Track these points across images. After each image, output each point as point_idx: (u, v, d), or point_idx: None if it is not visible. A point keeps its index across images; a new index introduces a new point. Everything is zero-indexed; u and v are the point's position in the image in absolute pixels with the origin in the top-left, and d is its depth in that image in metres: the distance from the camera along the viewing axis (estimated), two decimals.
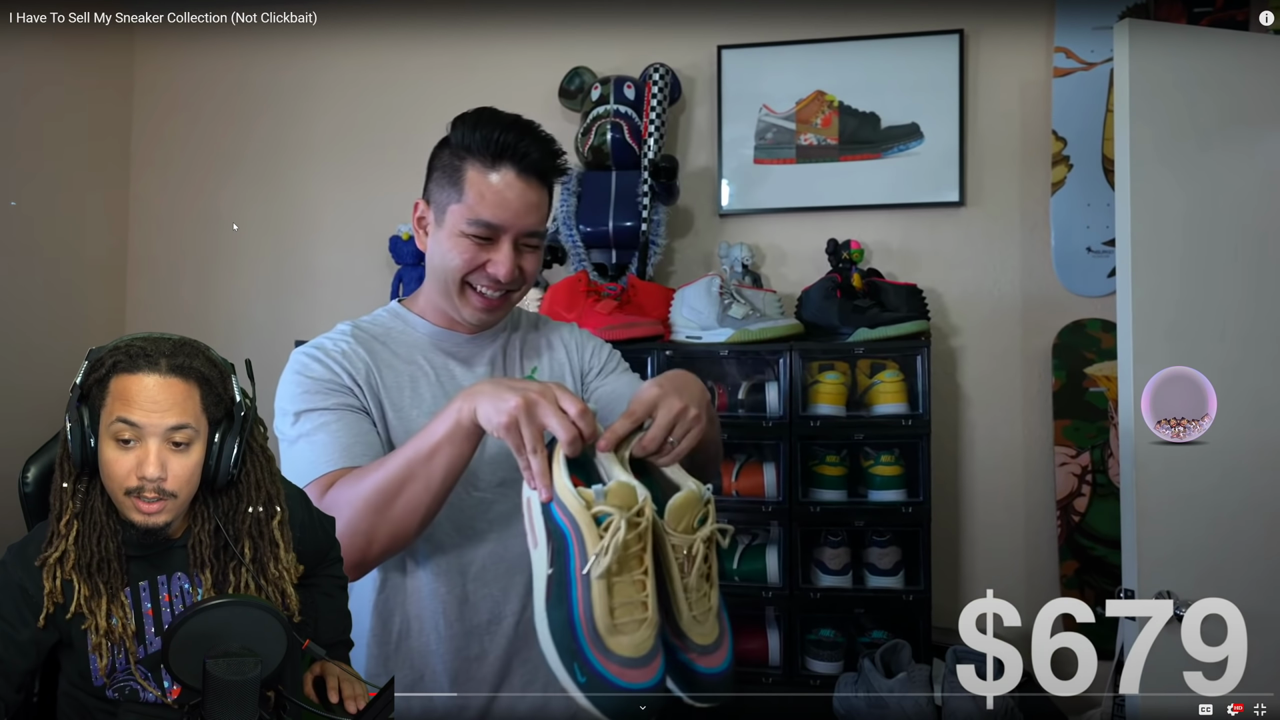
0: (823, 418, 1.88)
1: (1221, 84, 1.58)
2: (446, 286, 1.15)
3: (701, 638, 0.85)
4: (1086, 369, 2.08)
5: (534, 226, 1.13)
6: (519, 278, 1.14)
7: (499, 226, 1.11)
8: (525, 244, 1.14)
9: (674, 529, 0.85)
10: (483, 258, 1.12)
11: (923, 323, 1.91)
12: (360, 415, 1.12)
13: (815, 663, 1.87)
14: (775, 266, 2.21)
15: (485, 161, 1.11)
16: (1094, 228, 2.10)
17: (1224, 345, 1.54)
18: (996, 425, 2.14)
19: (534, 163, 1.12)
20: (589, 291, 1.98)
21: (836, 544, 1.88)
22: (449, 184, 1.14)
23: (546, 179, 1.15)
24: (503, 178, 1.11)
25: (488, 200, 1.10)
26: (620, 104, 2.11)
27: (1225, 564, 1.51)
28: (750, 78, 2.22)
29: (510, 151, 1.11)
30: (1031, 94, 2.16)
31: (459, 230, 1.12)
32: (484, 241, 1.12)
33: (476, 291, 1.14)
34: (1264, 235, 1.56)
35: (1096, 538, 2.06)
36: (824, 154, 2.19)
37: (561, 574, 0.85)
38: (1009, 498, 2.13)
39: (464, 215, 1.11)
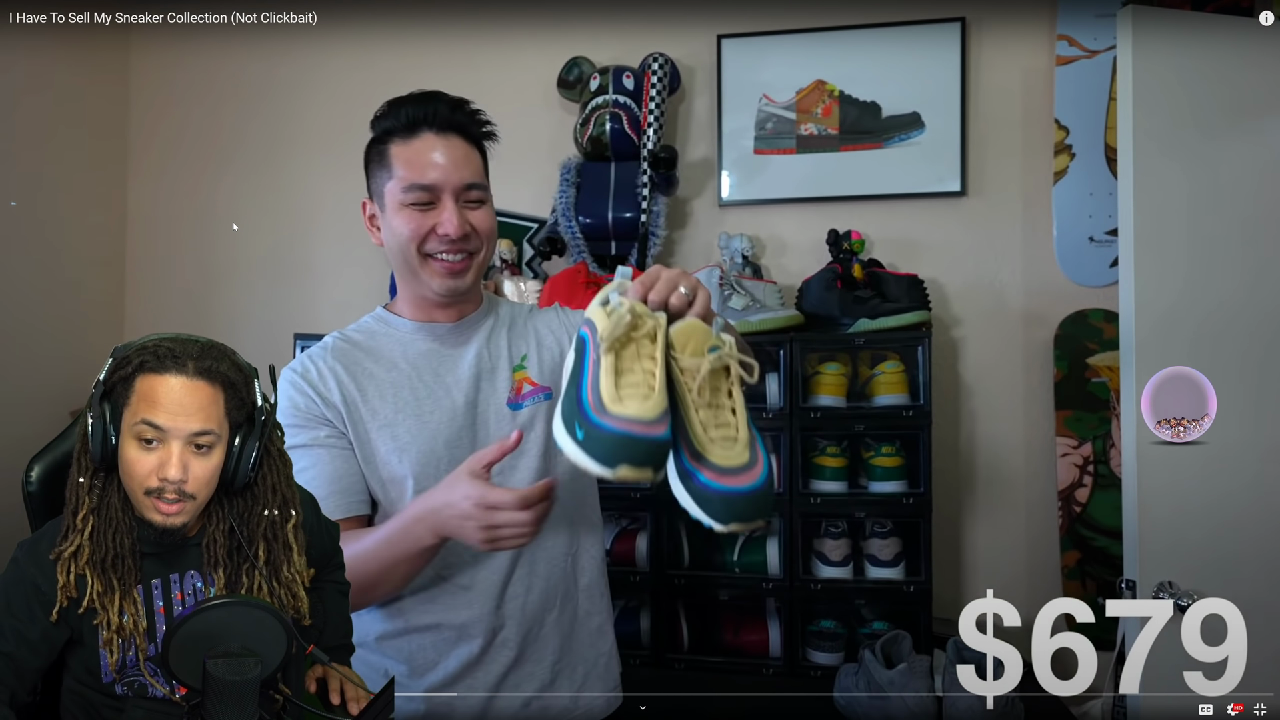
0: (823, 409, 1.87)
1: (1226, 71, 1.56)
2: (408, 264, 1.17)
3: (724, 459, 0.84)
4: (1088, 359, 2.07)
5: (469, 179, 1.15)
6: (472, 234, 1.16)
7: (433, 186, 1.14)
8: (467, 200, 1.16)
9: (681, 352, 0.87)
10: (429, 222, 1.14)
11: (924, 313, 1.90)
12: (338, 451, 1.15)
13: (816, 654, 1.87)
14: (775, 257, 2.20)
15: (403, 135, 1.16)
16: (1096, 217, 2.09)
17: (1227, 335, 1.53)
18: (998, 416, 2.13)
19: (447, 119, 1.16)
20: (588, 283, 1.98)
21: (837, 535, 1.88)
22: (381, 169, 1.18)
23: (468, 133, 1.18)
24: (423, 141, 1.15)
25: (415, 164, 1.14)
26: (619, 94, 2.10)
27: (1226, 556, 1.51)
28: (750, 67, 2.21)
29: (423, 117, 1.16)
30: (1034, 82, 2.14)
31: (399, 204, 1.15)
32: (426, 207, 1.14)
33: (436, 259, 1.16)
34: (1267, 224, 1.55)
35: (1098, 529, 2.05)
36: (824, 144, 2.18)
37: (578, 367, 0.90)
38: (1010, 489, 2.13)
39: (399, 187, 1.15)
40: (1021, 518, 2.12)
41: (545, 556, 1.20)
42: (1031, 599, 2.11)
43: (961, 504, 2.13)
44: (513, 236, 2.26)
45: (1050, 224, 2.12)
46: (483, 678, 1.17)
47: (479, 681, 1.16)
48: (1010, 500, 2.13)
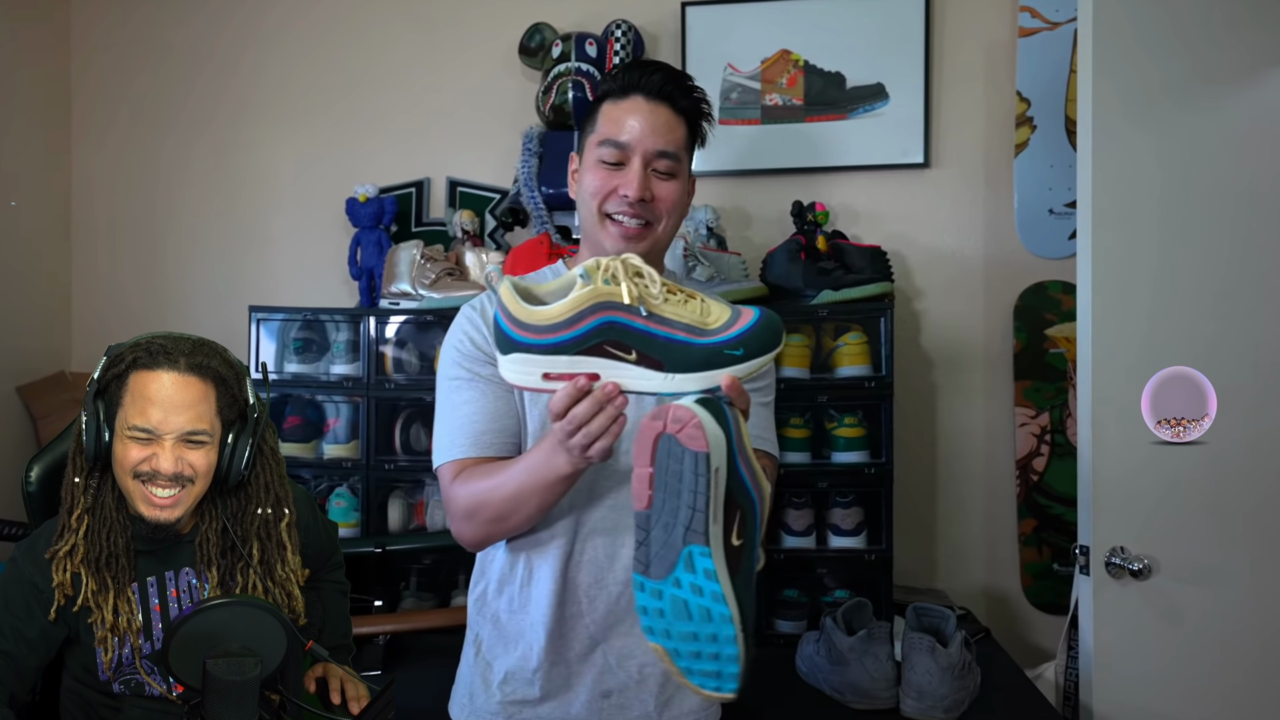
0: (787, 380, 1.88)
1: (1188, 41, 1.57)
2: (591, 220, 1.18)
3: (720, 319, 0.91)
4: (1047, 330, 2.10)
5: (664, 146, 1.16)
6: (653, 202, 1.17)
7: (625, 144, 1.15)
8: (658, 169, 1.17)
9: (600, 282, 0.91)
10: (614, 181, 1.16)
11: (886, 285, 1.91)
12: (501, 391, 1.15)
13: (780, 623, 1.90)
14: (740, 229, 2.20)
15: (616, 95, 1.19)
16: (1056, 189, 2.11)
17: (1183, 306, 1.56)
18: (958, 386, 2.16)
19: (659, 87, 1.17)
20: (552, 254, 1.95)
21: (800, 505, 1.90)
22: (590, 124, 1.21)
23: (677, 105, 1.18)
24: (631, 102, 1.17)
25: (615, 122, 1.17)
26: (582, 61, 2.07)
27: (1177, 522, 1.55)
28: (715, 36, 2.18)
29: (637, 82, 1.18)
30: (996, 55, 2.15)
31: (594, 160, 1.18)
32: (615, 167, 1.16)
33: (614, 220, 1.17)
34: (1226, 196, 1.57)
35: (1054, 496, 2.10)
36: (789, 114, 2.17)
37: (653, 341, 0.92)
38: (970, 458, 2.16)
39: (596, 141, 1.18)
40: (980, 486, 2.16)
41: None
42: (990, 564, 2.16)
43: (922, 473, 2.16)
44: (475, 207, 2.22)
45: (1011, 196, 2.13)
46: None
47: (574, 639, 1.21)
48: (969, 469, 2.16)
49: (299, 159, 2.35)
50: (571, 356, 0.91)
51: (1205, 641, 1.55)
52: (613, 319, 0.90)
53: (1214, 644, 1.55)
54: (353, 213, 2.18)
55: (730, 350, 0.89)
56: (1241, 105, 1.58)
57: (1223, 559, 1.56)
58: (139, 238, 2.40)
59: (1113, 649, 1.54)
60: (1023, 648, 2.07)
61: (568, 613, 1.17)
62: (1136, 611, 1.54)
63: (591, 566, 1.17)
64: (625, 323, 0.90)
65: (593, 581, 1.17)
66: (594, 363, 0.91)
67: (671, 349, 0.90)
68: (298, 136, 2.35)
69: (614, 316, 0.90)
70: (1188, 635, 1.55)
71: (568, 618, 1.17)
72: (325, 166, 2.32)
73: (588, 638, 1.18)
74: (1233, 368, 1.53)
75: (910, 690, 1.51)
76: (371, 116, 2.31)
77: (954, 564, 2.17)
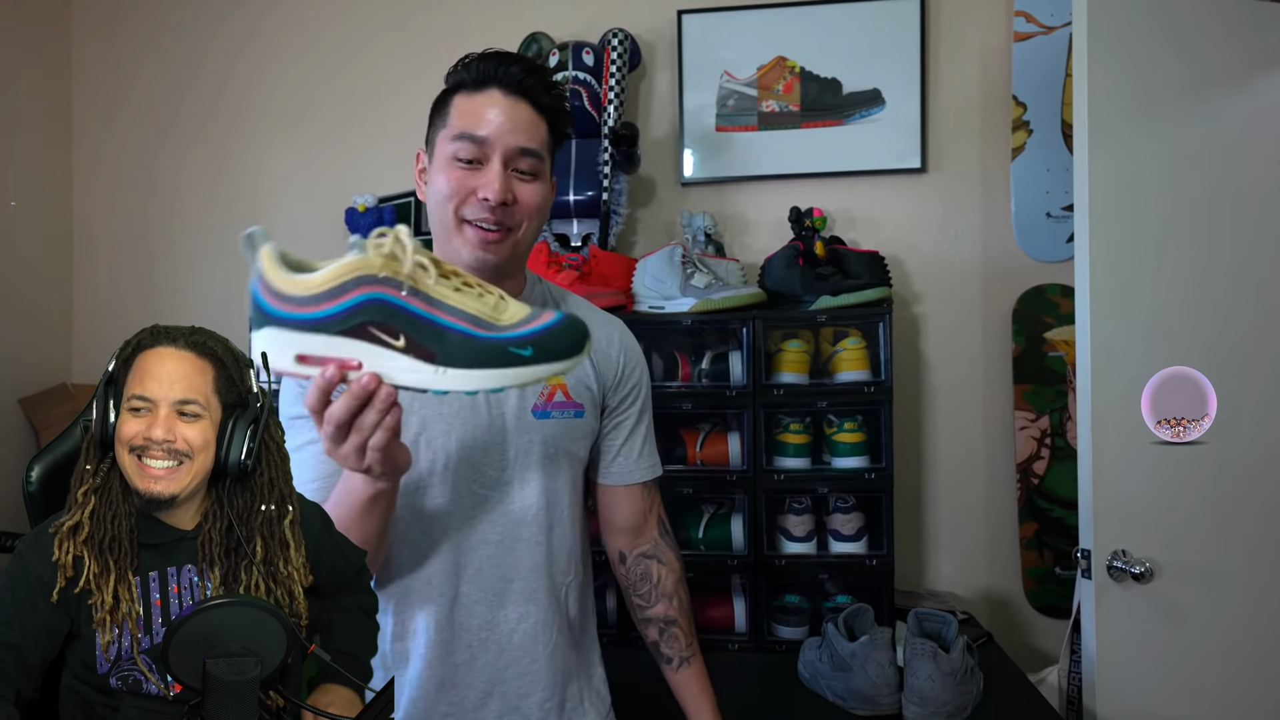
0: (786, 386, 1.88)
1: (1183, 44, 1.58)
2: (444, 226, 1.08)
3: (515, 316, 0.81)
4: (1045, 334, 2.10)
5: (525, 144, 1.07)
6: (514, 206, 1.07)
7: (484, 140, 1.05)
8: (519, 169, 1.07)
9: (373, 253, 0.80)
10: (472, 183, 1.06)
11: (885, 289, 1.91)
12: None
13: (781, 629, 1.89)
14: (738, 235, 2.20)
15: (470, 88, 1.08)
16: (1053, 193, 2.12)
17: (1182, 308, 1.56)
18: (958, 390, 2.16)
19: (518, 81, 1.07)
20: (550, 262, 1.96)
21: (800, 511, 1.90)
22: (439, 118, 1.10)
23: (538, 102, 1.09)
24: (488, 96, 1.07)
25: (470, 115, 1.06)
26: (579, 70, 2.07)
27: (1178, 525, 1.54)
28: (711, 43, 2.19)
29: (493, 74, 1.07)
30: (992, 59, 2.15)
31: (447, 158, 1.07)
32: (472, 166, 1.06)
33: (472, 225, 1.07)
34: (1222, 198, 1.57)
35: (1055, 500, 2.09)
36: (786, 121, 2.17)
37: (421, 326, 0.80)
38: (970, 462, 2.16)
39: (449, 136, 1.07)
40: (981, 490, 2.16)
41: None
42: (991, 569, 2.16)
43: (922, 478, 2.16)
44: None
45: (1008, 200, 2.14)
46: None
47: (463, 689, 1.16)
48: (970, 473, 2.16)
49: (298, 170, 2.35)
50: (330, 336, 0.79)
51: (1208, 644, 1.55)
52: (376, 295, 0.78)
53: (1217, 646, 1.55)
54: (352, 222, 2.19)
55: (516, 349, 0.78)
56: (1237, 107, 1.59)
57: (1225, 561, 1.55)
58: (139, 250, 2.41)
59: (1115, 652, 1.53)
60: (1025, 652, 2.07)
61: (458, 659, 1.11)
62: (1139, 615, 1.53)
63: (480, 608, 1.10)
64: (392, 301, 0.78)
65: (482, 624, 1.11)
66: (355, 346, 0.79)
67: (446, 338, 0.78)
68: (297, 148, 2.35)
69: (378, 293, 0.78)
70: (1190, 638, 1.55)
71: (458, 664, 1.11)
72: (324, 177, 2.32)
73: (483, 682, 1.12)
74: (1232, 368, 1.53)
75: (913, 696, 1.50)
76: (370, 126, 2.32)
77: (955, 568, 2.16)
